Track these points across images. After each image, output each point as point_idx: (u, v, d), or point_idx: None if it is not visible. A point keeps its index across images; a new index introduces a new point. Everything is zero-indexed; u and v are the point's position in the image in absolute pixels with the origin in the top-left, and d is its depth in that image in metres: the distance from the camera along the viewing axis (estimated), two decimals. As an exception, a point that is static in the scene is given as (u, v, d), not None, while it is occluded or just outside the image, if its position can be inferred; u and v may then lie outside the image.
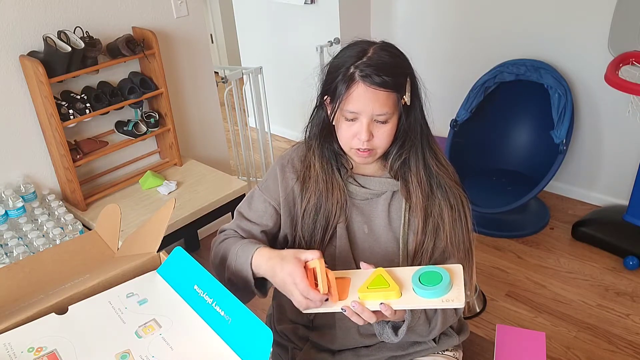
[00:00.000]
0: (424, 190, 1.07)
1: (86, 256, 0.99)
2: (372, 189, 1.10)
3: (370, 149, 1.02)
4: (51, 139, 1.91)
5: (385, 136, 1.02)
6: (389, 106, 0.98)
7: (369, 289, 0.90)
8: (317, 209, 1.10)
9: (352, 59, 0.99)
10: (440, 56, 3.04)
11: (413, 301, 0.89)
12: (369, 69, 0.96)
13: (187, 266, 0.89)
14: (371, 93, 0.97)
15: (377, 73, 0.96)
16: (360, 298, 0.90)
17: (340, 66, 1.00)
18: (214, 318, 0.81)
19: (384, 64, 0.97)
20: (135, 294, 0.88)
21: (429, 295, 0.87)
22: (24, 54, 1.83)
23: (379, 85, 0.96)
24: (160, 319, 0.83)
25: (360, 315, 0.90)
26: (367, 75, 0.96)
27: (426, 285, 0.88)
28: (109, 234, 1.02)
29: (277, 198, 1.13)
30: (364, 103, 0.98)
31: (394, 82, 0.97)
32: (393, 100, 0.99)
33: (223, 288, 0.83)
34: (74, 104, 1.91)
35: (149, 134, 2.15)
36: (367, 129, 0.99)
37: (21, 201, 1.87)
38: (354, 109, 0.99)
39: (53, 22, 1.88)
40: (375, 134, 1.01)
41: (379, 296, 0.89)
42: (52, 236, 1.75)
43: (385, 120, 1.00)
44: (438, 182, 1.08)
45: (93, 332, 0.80)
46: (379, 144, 1.03)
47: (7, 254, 1.69)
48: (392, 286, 0.89)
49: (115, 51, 1.98)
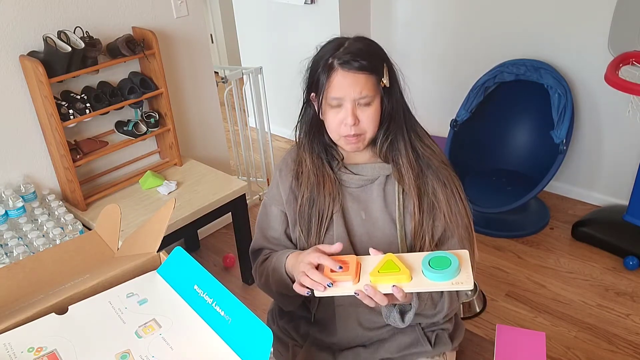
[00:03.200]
0: (414, 170, 1.11)
1: (86, 256, 0.99)
2: (365, 175, 1.14)
3: (359, 133, 1.07)
4: (51, 139, 1.91)
5: (371, 119, 1.07)
6: (369, 88, 1.04)
7: (380, 273, 0.94)
8: (311, 202, 1.14)
9: (330, 52, 1.05)
10: (440, 56, 3.04)
11: (424, 284, 0.92)
12: (346, 56, 1.03)
13: (187, 266, 0.89)
14: (351, 78, 1.02)
15: (354, 59, 1.02)
16: (372, 281, 0.94)
17: (319, 60, 1.07)
18: (214, 318, 0.81)
19: (360, 50, 1.04)
20: (135, 294, 0.88)
21: (439, 278, 0.91)
22: (24, 54, 1.83)
23: (357, 69, 1.02)
24: (160, 319, 0.83)
25: (373, 297, 0.93)
26: (345, 62, 1.03)
27: (436, 269, 0.92)
28: (109, 234, 1.02)
29: (281, 202, 1.18)
30: (345, 88, 1.03)
31: (371, 65, 1.03)
32: (372, 82, 1.04)
33: (223, 288, 0.83)
34: (74, 104, 1.91)
35: (149, 134, 2.15)
36: (352, 112, 1.04)
37: (21, 201, 1.87)
38: (337, 95, 1.04)
39: (53, 22, 1.88)
40: (360, 117, 1.06)
41: (391, 279, 0.93)
42: (52, 236, 1.75)
43: (368, 103, 1.05)
44: (427, 163, 1.12)
45: (93, 332, 0.80)
46: (366, 127, 1.07)
47: (7, 254, 1.69)
48: (402, 270, 0.93)
49: (115, 51, 1.98)
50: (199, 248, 2.67)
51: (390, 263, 0.95)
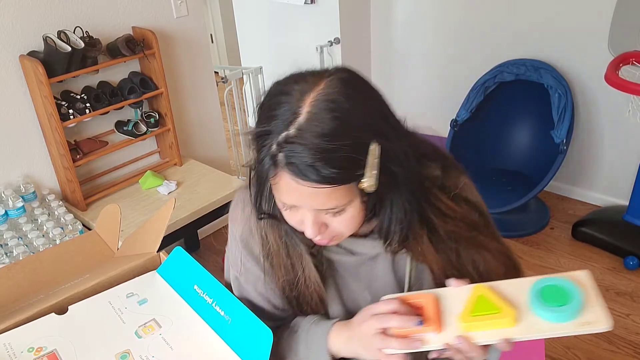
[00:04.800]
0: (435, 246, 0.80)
1: (86, 256, 0.99)
2: (365, 252, 0.83)
3: (330, 238, 0.75)
4: (51, 139, 1.91)
5: (346, 224, 0.73)
6: (337, 199, 0.68)
7: (473, 317, 0.69)
8: (293, 286, 0.83)
9: (279, 125, 0.66)
10: (440, 56, 3.04)
11: (538, 328, 0.67)
12: (295, 157, 0.64)
13: (187, 266, 0.89)
14: (305, 189, 0.66)
15: (308, 163, 0.63)
16: (464, 330, 0.69)
17: (267, 125, 0.68)
18: (214, 318, 0.81)
19: (319, 147, 0.63)
20: (135, 294, 0.88)
21: (559, 318, 0.66)
22: (24, 54, 1.83)
23: (314, 181, 0.65)
24: (160, 319, 0.83)
25: (467, 353, 0.68)
26: (294, 166, 0.64)
27: (552, 305, 0.66)
28: (109, 234, 1.02)
29: (260, 277, 0.86)
30: (296, 199, 0.69)
31: (339, 175, 0.65)
32: (343, 191, 0.68)
33: (223, 288, 0.83)
34: (74, 103, 1.91)
35: (149, 134, 2.15)
36: (313, 224, 0.72)
37: (21, 201, 1.87)
38: (288, 202, 0.71)
39: (53, 22, 1.88)
40: (330, 224, 0.73)
41: (490, 325, 0.68)
42: (52, 236, 1.75)
43: (339, 211, 0.71)
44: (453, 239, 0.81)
45: (93, 332, 0.80)
46: (340, 231, 0.74)
47: (7, 254, 1.69)
48: (504, 311, 0.68)
49: (115, 51, 1.98)
50: (199, 248, 2.67)
51: (484, 300, 0.69)
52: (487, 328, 0.68)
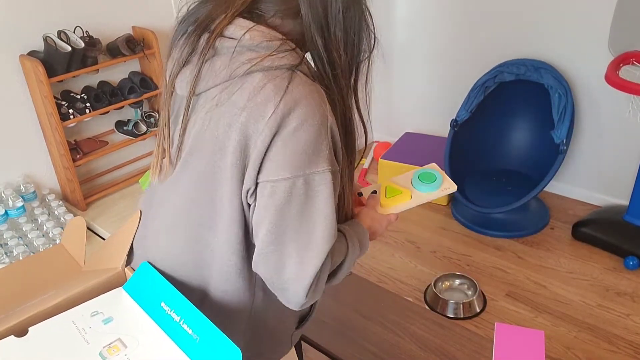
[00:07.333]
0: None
1: (53, 271, 0.95)
2: None
3: None
4: (51, 139, 1.91)
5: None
6: None
7: (388, 198, 1.06)
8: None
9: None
10: (441, 56, 3.04)
11: (422, 197, 1.08)
12: None
13: (154, 282, 0.85)
14: None
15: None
16: (384, 205, 1.06)
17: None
18: (181, 337, 0.78)
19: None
20: (100, 312, 0.83)
21: (431, 189, 1.08)
22: (24, 54, 1.83)
23: None
24: (126, 339, 0.79)
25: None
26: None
27: (427, 182, 1.08)
28: (75, 247, 0.99)
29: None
30: None
31: None
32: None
33: (191, 305, 0.79)
34: (74, 103, 1.91)
35: (149, 134, 2.15)
36: None
37: (21, 201, 1.87)
38: None
39: (53, 22, 1.88)
40: None
41: (397, 201, 1.07)
42: (52, 236, 1.75)
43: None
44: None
45: (54, 355, 0.76)
46: None
47: (7, 254, 1.69)
48: (404, 192, 1.07)
49: (115, 51, 1.98)
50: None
51: (390, 188, 1.07)
52: (396, 203, 1.07)
